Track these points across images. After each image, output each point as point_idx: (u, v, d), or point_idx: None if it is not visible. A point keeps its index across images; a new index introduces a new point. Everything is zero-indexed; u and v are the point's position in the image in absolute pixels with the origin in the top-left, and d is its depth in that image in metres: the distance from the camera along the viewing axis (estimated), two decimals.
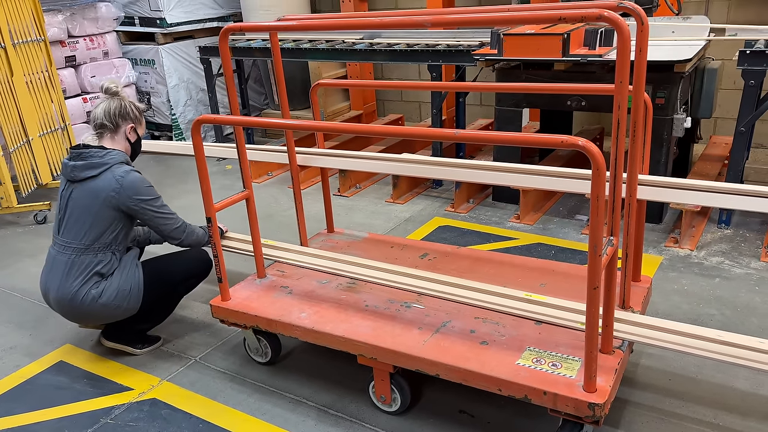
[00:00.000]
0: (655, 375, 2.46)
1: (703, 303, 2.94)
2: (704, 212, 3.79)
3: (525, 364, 2.03)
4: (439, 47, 4.26)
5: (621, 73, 1.73)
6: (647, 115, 2.15)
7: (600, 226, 1.66)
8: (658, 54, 3.37)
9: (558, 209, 4.17)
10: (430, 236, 3.93)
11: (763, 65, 3.32)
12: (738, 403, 2.29)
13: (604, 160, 1.63)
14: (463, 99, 4.64)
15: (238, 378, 2.62)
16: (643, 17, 1.93)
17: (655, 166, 3.54)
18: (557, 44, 3.44)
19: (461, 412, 2.34)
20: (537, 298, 2.36)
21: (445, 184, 4.73)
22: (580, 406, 1.85)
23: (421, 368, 2.14)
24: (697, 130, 4.22)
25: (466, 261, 2.85)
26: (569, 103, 3.76)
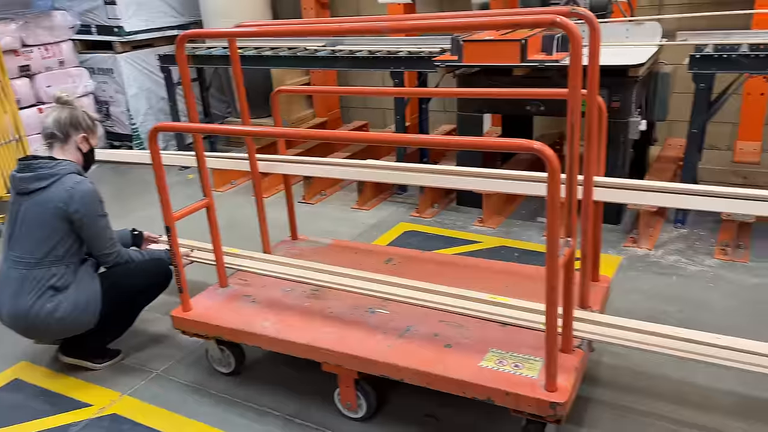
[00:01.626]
0: (617, 372, 2.50)
1: (661, 301, 3.02)
2: (661, 213, 3.89)
3: (488, 366, 2.05)
4: (400, 54, 4.29)
5: (574, 77, 1.76)
6: (601, 119, 2.20)
7: (556, 227, 1.69)
8: (613, 59, 3.46)
9: (520, 212, 4.23)
10: (396, 241, 3.94)
11: (712, 69, 3.44)
12: (697, 398, 2.34)
13: (561, 163, 1.66)
14: (426, 105, 4.67)
15: (202, 390, 2.58)
16: (594, 22, 1.98)
17: (612, 168, 3.61)
18: (515, 50, 3.49)
19: (427, 416, 2.34)
20: (500, 300, 2.39)
21: (410, 190, 4.75)
22: (541, 405, 1.87)
23: (386, 373, 2.14)
24: (652, 132, 4.32)
25: (431, 265, 2.87)
26: (528, 108, 3.82)
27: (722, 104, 3.65)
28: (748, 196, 2.45)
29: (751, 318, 2.82)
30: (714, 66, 3.43)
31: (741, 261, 3.34)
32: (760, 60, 3.34)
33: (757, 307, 2.91)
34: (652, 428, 2.21)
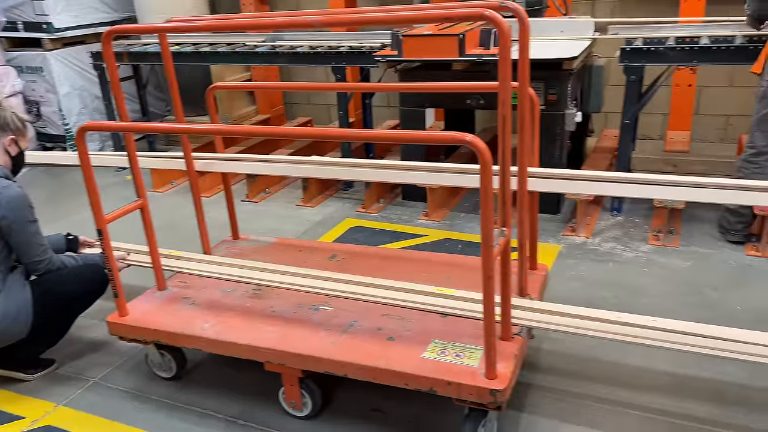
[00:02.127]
0: (556, 358, 2.57)
1: (598, 287, 3.11)
2: (598, 201, 4.01)
3: (430, 357, 2.06)
4: (341, 49, 4.26)
5: (503, 70, 1.79)
6: (534, 111, 2.25)
7: (489, 217, 1.72)
8: (548, 52, 3.54)
9: (464, 205, 4.29)
10: (342, 238, 3.93)
11: (641, 61, 3.56)
12: (632, 378, 2.43)
13: (493, 155, 1.68)
14: (369, 100, 4.67)
15: (142, 396, 2.51)
16: (523, 16, 2.02)
17: (550, 159, 3.71)
18: (454, 44, 3.53)
19: (373, 410, 2.35)
20: (442, 291, 2.41)
21: (355, 186, 4.75)
22: (481, 393, 1.90)
23: (330, 370, 2.13)
24: (588, 124, 4.46)
25: (375, 260, 2.87)
26: (469, 102, 3.87)
27: (652, 96, 3.78)
28: (678, 183, 2.54)
29: (681, 300, 2.94)
30: (643, 59, 3.55)
31: (672, 246, 3.48)
32: (686, 53, 3.48)
33: (687, 289, 3.04)
34: (590, 410, 2.28)
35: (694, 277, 3.14)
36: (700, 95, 4.83)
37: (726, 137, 4.95)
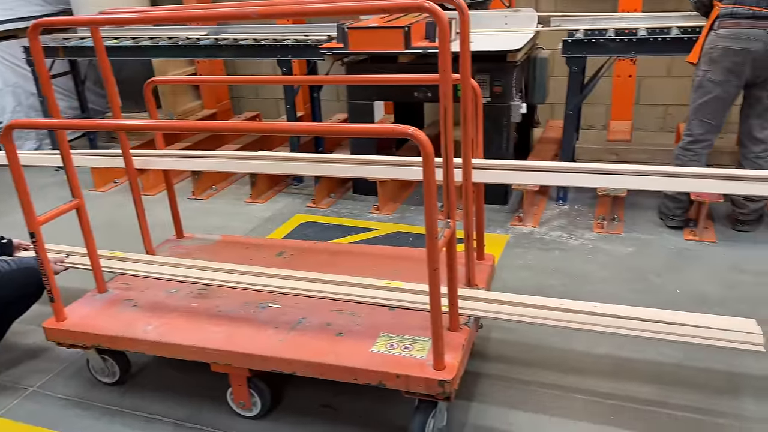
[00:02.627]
0: (505, 346, 2.61)
1: (545, 275, 3.17)
2: (544, 191, 4.09)
3: (379, 350, 2.06)
4: (287, 42, 4.21)
5: (443, 62, 1.79)
6: (477, 102, 2.26)
7: (433, 210, 1.72)
8: (492, 44, 3.57)
9: (414, 198, 4.30)
10: (292, 234, 3.88)
11: (582, 53, 3.64)
12: (577, 364, 2.49)
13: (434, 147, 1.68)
14: (317, 94, 4.62)
15: (84, 403, 2.42)
16: (463, 8, 2.01)
17: (496, 150, 3.75)
18: (399, 37, 3.52)
19: (324, 407, 2.33)
20: (391, 284, 2.41)
21: (305, 181, 4.70)
22: (430, 384, 1.90)
23: (278, 368, 2.10)
24: (534, 115, 4.53)
25: (324, 255, 2.85)
26: (416, 95, 3.88)
27: (594, 86, 3.87)
28: (620, 171, 2.61)
29: (625, 285, 3.03)
30: (584, 50, 3.63)
31: (616, 233, 3.58)
32: (625, 44, 3.57)
33: (629, 274, 3.13)
34: (537, 395, 2.32)
35: (637, 263, 3.24)
36: (640, 86, 4.98)
37: (665, 126, 5.12)
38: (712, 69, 3.23)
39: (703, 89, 3.30)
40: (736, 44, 3.13)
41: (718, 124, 3.33)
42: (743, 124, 3.40)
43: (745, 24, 3.10)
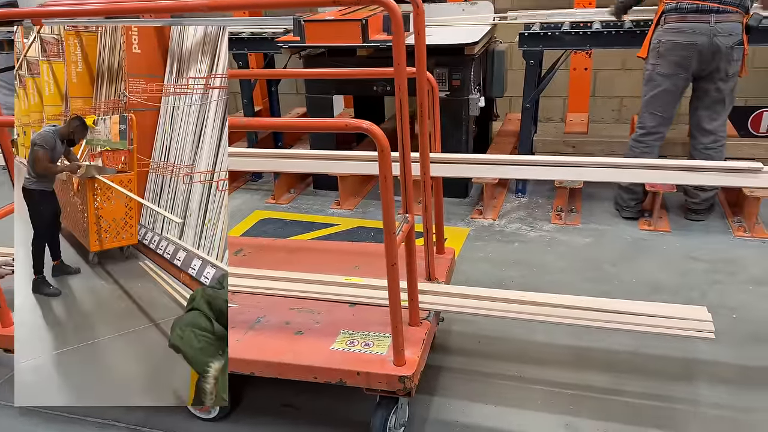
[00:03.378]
0: (466, 339, 2.62)
1: (505, 267, 3.20)
2: (503, 184, 4.12)
3: (339, 348, 2.03)
4: (242, 35, 4.12)
5: (397, 55, 1.77)
6: (434, 96, 2.25)
7: (390, 205, 1.71)
8: (449, 37, 3.57)
9: (376, 192, 4.28)
10: (251, 231, 3.82)
11: (539, 46, 3.67)
12: (537, 355, 2.51)
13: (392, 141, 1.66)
14: (275, 88, 4.56)
15: (34, 410, 2.33)
16: (417, 1, 2.00)
17: (456, 144, 3.76)
18: (356, 30, 3.49)
19: (285, 406, 2.30)
20: (351, 280, 2.38)
21: (264, 176, 4.63)
22: (391, 380, 1.89)
23: (236, 369, 2.05)
24: (493, 108, 4.56)
25: (282, 252, 2.80)
26: (375, 89, 3.86)
27: (550, 79, 3.91)
28: (576, 163, 2.64)
29: (582, 275, 3.08)
30: (541, 43, 3.66)
31: (573, 224, 3.63)
32: (580, 37, 3.62)
33: (587, 265, 3.18)
34: (498, 387, 2.34)
35: (594, 253, 3.29)
36: (596, 78, 5.07)
37: (620, 118, 5.23)
38: (660, 63, 3.30)
39: (653, 82, 3.37)
40: (682, 38, 3.21)
41: (668, 116, 3.41)
42: (692, 116, 3.48)
43: (691, 18, 3.17)
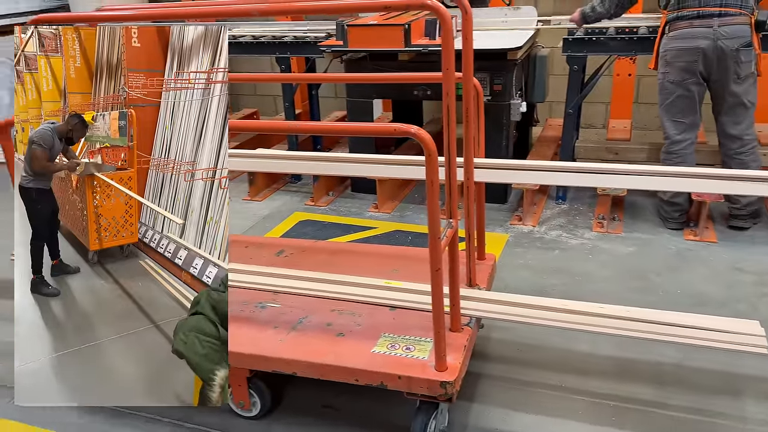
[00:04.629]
0: (506, 347, 2.60)
1: (546, 274, 3.16)
2: (543, 190, 4.08)
3: (380, 351, 2.04)
4: (286, 39, 4.18)
5: (446, 60, 1.77)
6: (479, 101, 2.24)
7: (436, 209, 1.71)
8: (492, 42, 3.56)
9: (414, 196, 4.29)
10: (290, 232, 3.87)
11: (583, 51, 3.63)
12: (579, 365, 2.48)
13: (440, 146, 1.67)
14: (315, 91, 4.61)
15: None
16: (466, 6, 2.00)
17: (496, 149, 3.74)
18: (399, 35, 3.50)
19: (325, 407, 2.32)
20: (391, 284, 2.39)
21: (304, 179, 4.68)
22: (432, 385, 1.89)
23: (278, 368, 2.08)
24: (533, 114, 4.52)
25: (323, 254, 2.83)
26: (416, 93, 3.86)
27: (594, 85, 3.86)
28: (619, 171, 2.60)
29: (625, 285, 3.02)
30: (585, 48, 3.62)
31: (615, 233, 3.57)
32: (625, 42, 3.57)
33: (630, 274, 3.12)
34: (539, 396, 2.31)
35: (637, 263, 3.23)
36: (640, 84, 4.97)
37: None
38: (669, 71, 3.30)
39: (665, 91, 3.37)
40: (686, 44, 3.20)
41: (691, 122, 3.36)
42: (717, 123, 3.44)
43: (694, 23, 3.17)
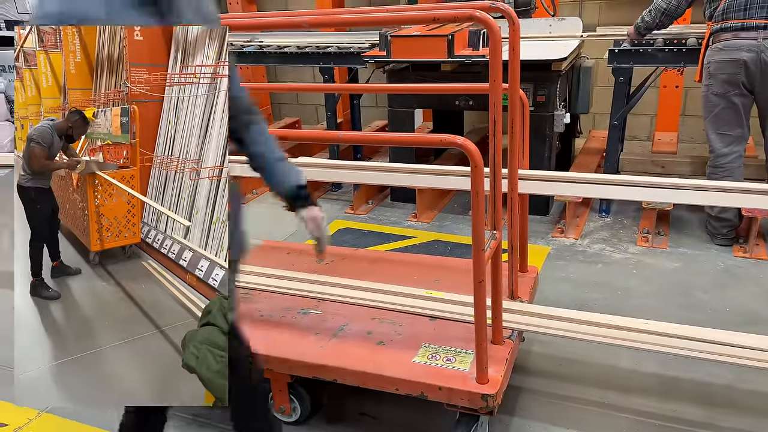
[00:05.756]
0: (546, 361, 2.56)
1: (587, 288, 3.11)
2: (586, 203, 4.02)
3: (421, 361, 2.04)
4: (329, 49, 4.24)
5: (494, 71, 1.78)
6: (524, 112, 2.24)
7: (480, 221, 1.70)
8: (536, 53, 3.54)
9: (453, 206, 4.28)
10: (331, 239, 3.89)
11: (629, 62, 3.57)
12: (621, 381, 2.43)
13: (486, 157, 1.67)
14: (357, 101, 4.65)
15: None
16: (514, 17, 2.00)
17: (538, 160, 3.71)
18: (442, 45, 3.52)
19: (363, 415, 2.32)
20: (432, 294, 2.39)
21: (344, 187, 4.72)
22: (473, 398, 1.88)
23: (319, 375, 2.10)
24: (577, 125, 4.47)
25: (364, 262, 2.84)
26: (458, 103, 3.86)
27: (640, 97, 3.80)
28: (666, 185, 2.56)
29: (670, 301, 2.95)
30: (631, 60, 3.56)
31: (661, 248, 3.49)
32: (673, 54, 3.50)
33: (675, 290, 3.05)
34: (580, 412, 2.27)
35: (683, 279, 3.15)
36: (687, 96, 4.86)
37: None
38: (713, 83, 3.24)
39: (710, 104, 3.30)
40: (729, 56, 3.14)
41: (738, 134, 3.28)
42: (764, 137, 3.36)
43: (740, 35, 3.10)
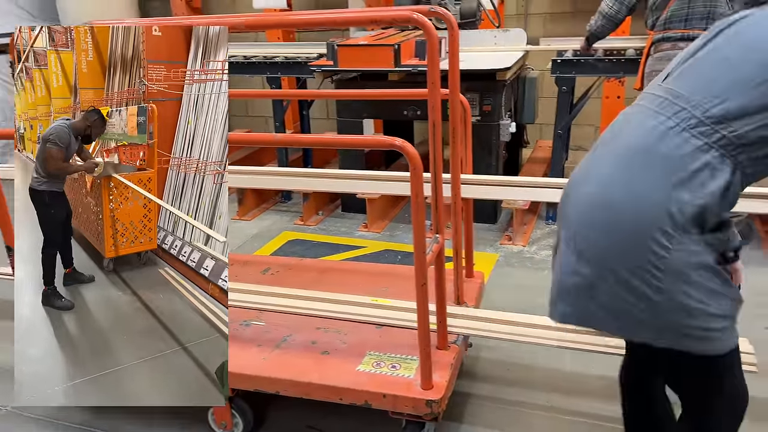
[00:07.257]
0: (494, 366, 2.56)
1: (535, 294, 3.10)
2: (533, 210, 4.07)
3: (365, 369, 2.00)
4: (277, 59, 4.20)
5: (431, 75, 1.77)
6: (466, 118, 2.24)
7: (421, 224, 1.69)
8: (482, 63, 3.58)
9: (404, 216, 4.27)
10: (279, 251, 3.83)
11: (572, 72, 3.65)
12: (568, 384, 2.44)
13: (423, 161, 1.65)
14: (307, 111, 4.62)
15: (56, 423, 2.33)
16: (453, 23, 2.01)
17: (485, 169, 3.74)
18: (389, 55, 3.52)
19: (309, 428, 2.26)
20: (378, 302, 2.36)
21: (294, 198, 4.66)
22: (417, 404, 1.85)
23: (261, 387, 2.03)
24: (523, 135, 4.54)
25: (311, 273, 2.79)
26: (406, 113, 3.86)
27: (582, 106, 3.88)
28: None
29: None
30: (573, 69, 3.65)
31: None
32: (613, 64, 3.60)
33: None
34: (527, 416, 2.27)
35: None
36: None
37: None
38: None
39: None
40: None
41: None
42: None
43: (679, 45, 3.17)
